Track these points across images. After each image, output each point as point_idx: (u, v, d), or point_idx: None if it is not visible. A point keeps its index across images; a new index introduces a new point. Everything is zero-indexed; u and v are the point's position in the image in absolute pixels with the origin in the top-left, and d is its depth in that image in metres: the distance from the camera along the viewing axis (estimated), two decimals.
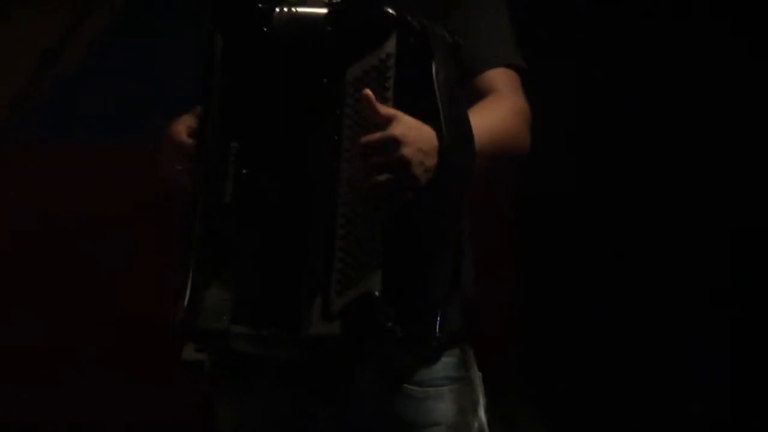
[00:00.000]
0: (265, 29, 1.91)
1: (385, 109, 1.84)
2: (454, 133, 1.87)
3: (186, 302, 1.90)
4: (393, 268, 1.85)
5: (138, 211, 3.35)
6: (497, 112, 2.00)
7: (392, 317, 1.84)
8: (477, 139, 1.90)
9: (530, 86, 2.07)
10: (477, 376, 2.08)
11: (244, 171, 1.90)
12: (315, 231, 1.87)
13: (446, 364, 2.02)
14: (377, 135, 1.83)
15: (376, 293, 1.84)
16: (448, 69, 1.88)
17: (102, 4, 3.55)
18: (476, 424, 2.06)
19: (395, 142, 1.82)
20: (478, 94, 2.01)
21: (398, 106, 1.85)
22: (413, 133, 1.84)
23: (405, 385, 2.00)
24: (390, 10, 1.86)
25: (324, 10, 1.91)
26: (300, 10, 1.92)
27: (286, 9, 1.93)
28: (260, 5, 1.93)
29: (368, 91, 1.83)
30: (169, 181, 2.00)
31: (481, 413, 2.08)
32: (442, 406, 2.02)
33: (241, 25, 1.94)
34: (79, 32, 3.52)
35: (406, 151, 1.83)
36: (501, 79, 2.04)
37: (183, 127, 1.98)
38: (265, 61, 1.92)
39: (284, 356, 1.96)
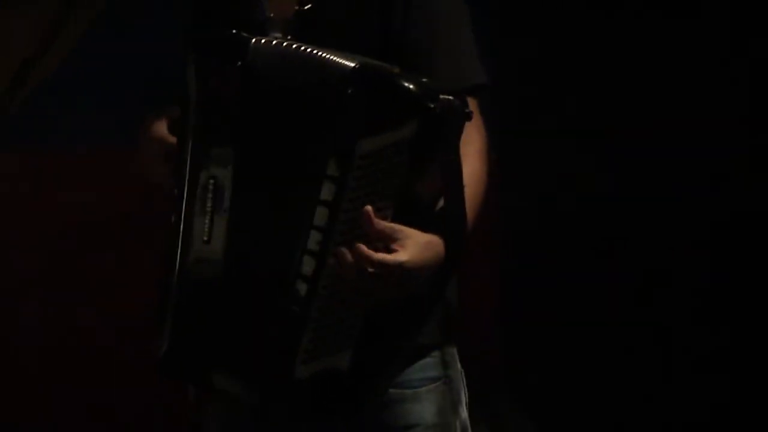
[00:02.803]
0: (239, 63, 1.89)
1: (393, 229, 1.84)
2: (457, 236, 1.89)
3: (165, 345, 1.97)
4: (363, 348, 1.91)
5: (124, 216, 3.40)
6: (473, 169, 1.98)
7: (352, 395, 1.93)
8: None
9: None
10: (458, 374, 2.12)
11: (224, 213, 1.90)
12: (292, 296, 1.88)
13: (424, 365, 2.07)
14: (385, 258, 1.83)
15: (343, 370, 1.91)
16: (457, 147, 1.88)
17: (83, 8, 3.58)
18: (457, 424, 2.11)
19: (399, 271, 1.83)
20: None
21: (402, 186, 1.85)
22: (419, 256, 1.85)
23: None
24: (415, 91, 1.82)
25: (348, 64, 1.84)
26: (313, 52, 1.87)
27: (269, 42, 1.90)
28: (234, 32, 1.91)
29: (369, 208, 1.83)
30: (149, 180, 2.02)
31: (462, 412, 2.12)
32: (419, 408, 2.06)
33: (214, 52, 1.92)
34: (59, 37, 3.56)
35: (407, 280, 1.85)
36: None
37: (162, 126, 1.98)
38: (246, 96, 1.89)
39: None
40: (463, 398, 2.13)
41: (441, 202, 1.91)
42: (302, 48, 1.88)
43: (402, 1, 2.01)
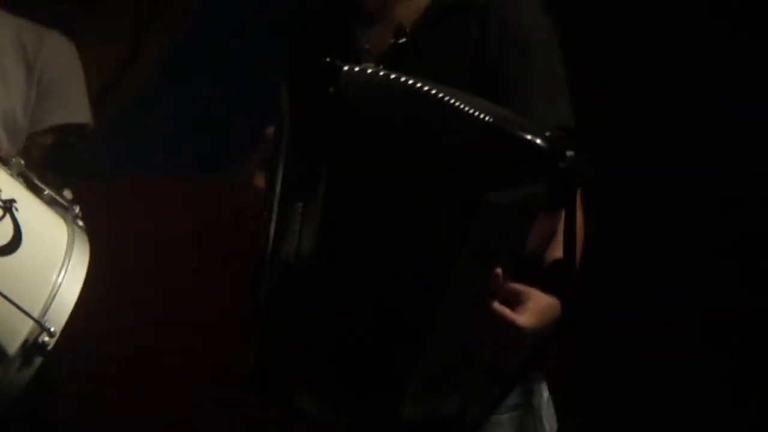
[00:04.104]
0: (331, 89, 1.87)
1: (517, 289, 1.86)
2: (574, 297, 1.91)
3: (253, 362, 1.98)
4: (474, 393, 1.94)
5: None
6: (579, 218, 1.96)
7: None
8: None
9: None
10: (543, 402, 2.13)
11: (314, 234, 1.90)
12: (403, 334, 1.88)
13: None
14: (507, 317, 1.85)
15: (449, 414, 1.93)
16: (575, 204, 1.89)
17: (162, 27, 3.63)
18: None
19: (520, 333, 1.86)
20: None
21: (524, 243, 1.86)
22: (541, 318, 1.88)
23: None
24: (547, 148, 1.80)
25: (478, 114, 1.81)
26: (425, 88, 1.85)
27: (364, 70, 1.87)
28: (327, 59, 1.88)
29: (499, 271, 1.83)
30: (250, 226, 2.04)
31: None
32: None
33: (306, 77, 1.93)
34: (138, 59, 3.61)
35: (526, 338, 1.88)
36: None
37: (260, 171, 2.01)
38: (340, 124, 1.88)
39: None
40: (548, 427, 2.13)
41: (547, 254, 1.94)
42: (408, 82, 1.87)
43: (497, 37, 2.03)
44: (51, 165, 2.22)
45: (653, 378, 3.49)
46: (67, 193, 2.02)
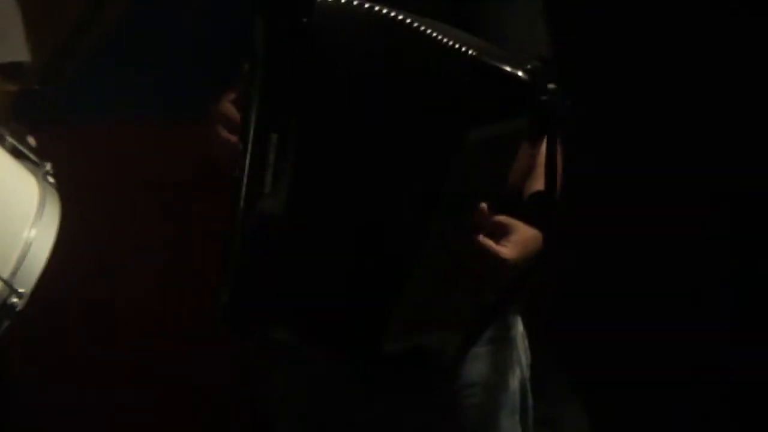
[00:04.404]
0: (305, 20, 1.82)
1: (501, 222, 1.87)
2: (554, 229, 1.91)
3: (228, 296, 1.96)
4: (455, 327, 1.96)
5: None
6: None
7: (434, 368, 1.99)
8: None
9: None
10: (519, 335, 2.16)
11: (290, 168, 1.87)
12: (386, 271, 1.89)
13: None
14: (491, 250, 1.85)
15: (430, 348, 1.96)
16: (556, 139, 1.89)
17: None
18: (516, 383, 2.15)
19: (504, 266, 1.87)
20: None
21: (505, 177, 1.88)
22: (525, 250, 1.88)
23: None
24: (529, 81, 1.80)
25: (460, 47, 1.80)
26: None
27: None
28: None
29: (484, 206, 1.83)
30: (213, 156, 2.02)
31: (521, 373, 2.16)
32: (478, 366, 2.10)
33: (280, 10, 1.87)
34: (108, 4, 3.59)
35: (509, 272, 1.88)
36: None
37: (230, 104, 1.99)
38: (314, 59, 1.84)
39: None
40: (523, 360, 2.17)
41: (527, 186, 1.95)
42: (386, 12, 1.83)
43: None
44: (16, 114, 2.15)
45: (631, 314, 3.52)
46: (31, 140, 1.96)
